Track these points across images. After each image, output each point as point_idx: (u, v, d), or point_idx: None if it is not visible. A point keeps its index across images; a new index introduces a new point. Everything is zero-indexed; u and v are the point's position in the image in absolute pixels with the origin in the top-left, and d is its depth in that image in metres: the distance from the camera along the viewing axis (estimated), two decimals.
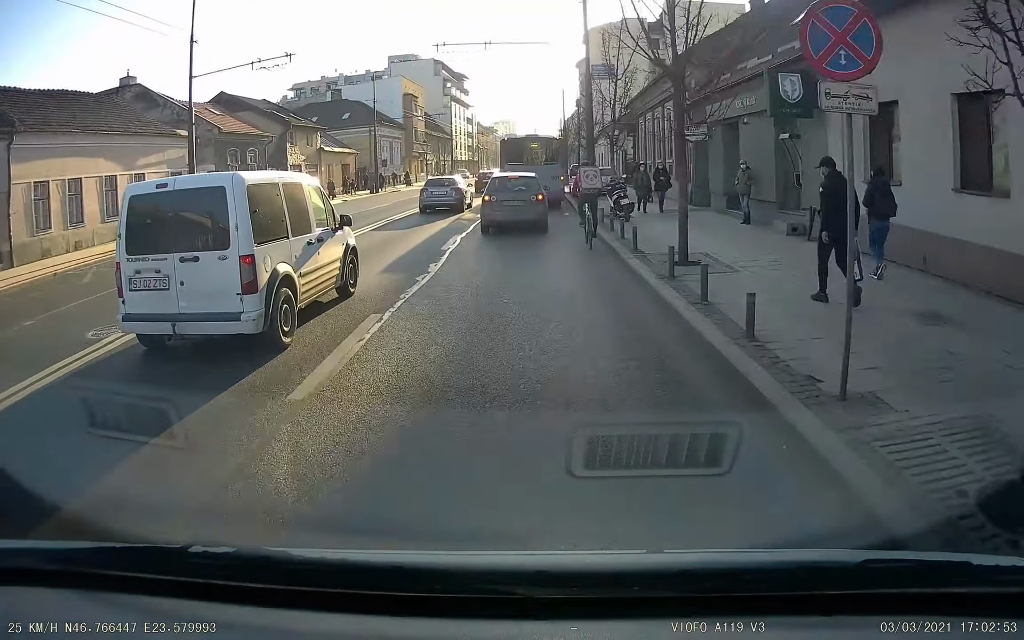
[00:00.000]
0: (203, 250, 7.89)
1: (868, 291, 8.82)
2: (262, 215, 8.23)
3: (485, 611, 1.52)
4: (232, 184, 7.98)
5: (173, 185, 8.48)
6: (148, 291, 7.93)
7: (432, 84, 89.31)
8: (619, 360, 7.08)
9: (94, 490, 4.56)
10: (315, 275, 9.60)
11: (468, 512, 3.99)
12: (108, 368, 8.09)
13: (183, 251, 7.86)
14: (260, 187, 8.58)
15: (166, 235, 7.99)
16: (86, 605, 1.61)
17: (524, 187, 20.09)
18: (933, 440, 4.53)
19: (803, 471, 4.41)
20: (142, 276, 7.95)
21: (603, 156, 38.07)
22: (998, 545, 3.16)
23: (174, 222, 8.07)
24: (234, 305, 7.74)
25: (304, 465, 4.94)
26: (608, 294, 11.16)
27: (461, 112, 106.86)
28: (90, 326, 9.72)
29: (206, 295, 7.79)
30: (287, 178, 10.02)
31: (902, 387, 5.55)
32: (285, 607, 1.56)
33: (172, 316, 7.86)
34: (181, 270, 7.81)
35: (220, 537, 3.60)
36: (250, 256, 7.81)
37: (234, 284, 7.72)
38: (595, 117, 38.02)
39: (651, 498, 4.07)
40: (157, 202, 8.25)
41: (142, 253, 8.00)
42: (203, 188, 8.49)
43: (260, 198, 8.35)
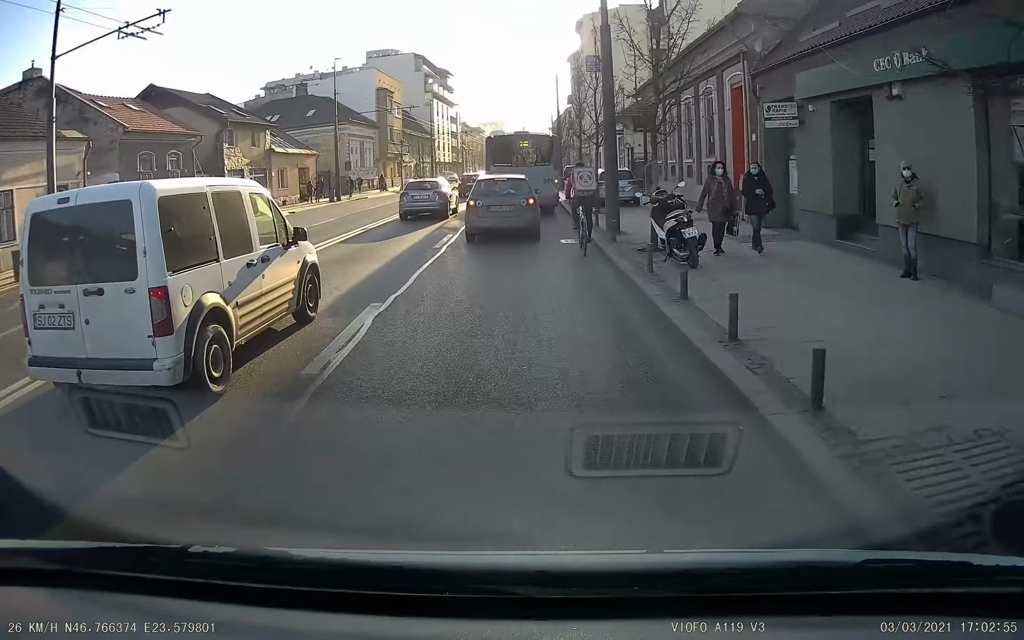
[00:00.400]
0: (108, 280, 6.34)
1: None
2: (181, 234, 6.68)
3: (485, 611, 1.52)
4: (140, 197, 6.36)
5: (75, 199, 6.78)
6: (54, 330, 6.51)
7: (412, 80, 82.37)
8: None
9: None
10: (260, 303, 7.97)
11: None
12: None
13: (87, 281, 6.37)
14: (179, 199, 6.94)
15: (70, 261, 6.57)
16: (86, 605, 1.61)
17: (512, 190, 18.05)
18: None
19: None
20: (46, 312, 6.52)
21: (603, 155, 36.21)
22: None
23: (78, 245, 6.60)
24: (145, 350, 6.22)
25: None
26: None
27: (444, 111, 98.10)
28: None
29: (114, 337, 6.31)
30: (219, 186, 8.04)
31: None
32: (285, 607, 1.56)
33: (78, 362, 6.35)
34: (85, 305, 6.35)
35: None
36: (162, 288, 6.25)
37: (144, 323, 6.20)
38: (590, 112, 36.12)
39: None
40: (59, 220, 6.71)
41: (46, 284, 6.57)
42: (106, 203, 6.74)
43: (178, 213, 6.76)
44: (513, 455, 4.97)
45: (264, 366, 7.61)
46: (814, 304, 8.83)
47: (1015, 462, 4.21)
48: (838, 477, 4.20)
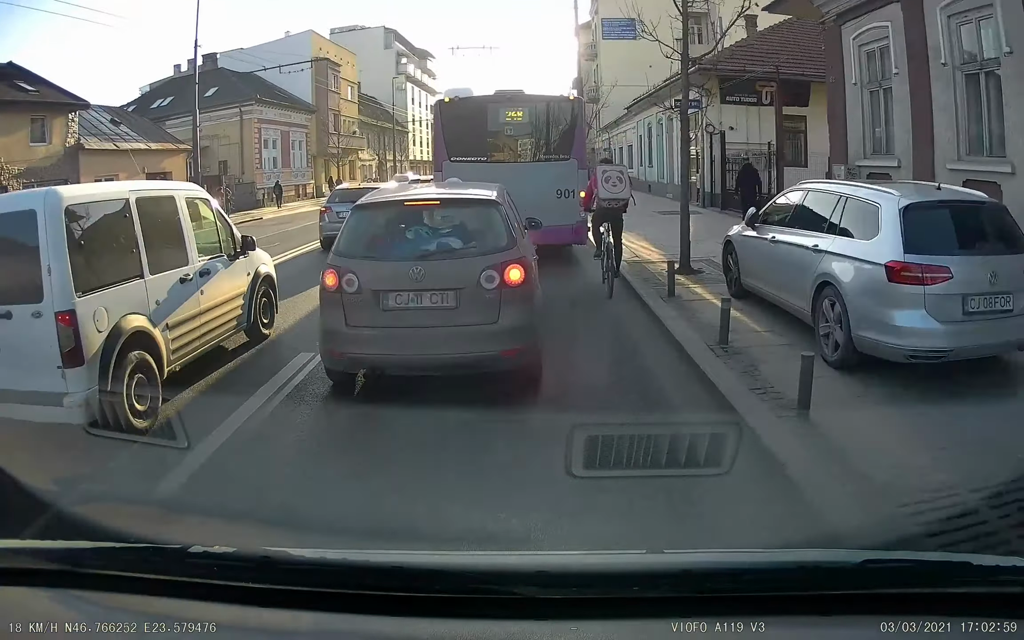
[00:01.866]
0: (14, 303, 5.40)
1: None
2: (96, 248, 5.86)
3: (485, 611, 1.52)
4: (45, 206, 5.42)
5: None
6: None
7: (382, 60, 66.78)
8: None
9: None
10: (198, 323, 7.00)
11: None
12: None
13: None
14: (91, 206, 6.00)
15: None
16: (86, 605, 1.61)
17: (457, 239, 6.48)
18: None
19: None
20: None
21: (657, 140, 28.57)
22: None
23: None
24: (54, 382, 5.30)
25: None
26: None
27: (423, 98, 75.72)
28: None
29: (20, 367, 5.36)
30: (145, 191, 6.88)
31: None
32: (285, 607, 1.56)
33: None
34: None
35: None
36: (68, 312, 5.33)
37: (52, 353, 5.29)
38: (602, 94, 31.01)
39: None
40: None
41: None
42: (8, 213, 5.72)
43: (91, 223, 5.88)
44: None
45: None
46: None
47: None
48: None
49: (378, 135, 62.49)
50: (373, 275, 5.99)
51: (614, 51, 37.97)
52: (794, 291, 7.57)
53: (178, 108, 37.03)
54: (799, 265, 7.42)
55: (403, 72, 72.97)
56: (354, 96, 56.66)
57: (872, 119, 13.71)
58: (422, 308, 5.90)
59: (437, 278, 5.91)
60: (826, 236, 7.11)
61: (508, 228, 6.29)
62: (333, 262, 6.13)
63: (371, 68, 62.61)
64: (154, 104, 41.59)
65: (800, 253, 7.47)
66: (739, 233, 9.56)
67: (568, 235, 13.58)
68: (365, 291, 5.92)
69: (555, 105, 14.51)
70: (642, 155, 36.61)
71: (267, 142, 42.77)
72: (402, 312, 5.91)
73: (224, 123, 39.20)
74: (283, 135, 44.49)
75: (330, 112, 49.90)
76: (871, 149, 13.76)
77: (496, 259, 5.95)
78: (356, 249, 6.25)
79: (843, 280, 6.55)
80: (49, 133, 25.37)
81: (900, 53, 12.23)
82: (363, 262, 6.07)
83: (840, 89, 14.31)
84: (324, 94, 49.11)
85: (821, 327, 6.84)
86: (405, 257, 6.14)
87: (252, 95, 40.87)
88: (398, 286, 5.91)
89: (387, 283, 5.95)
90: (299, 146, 46.82)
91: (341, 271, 5.99)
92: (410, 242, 6.40)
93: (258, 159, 41.09)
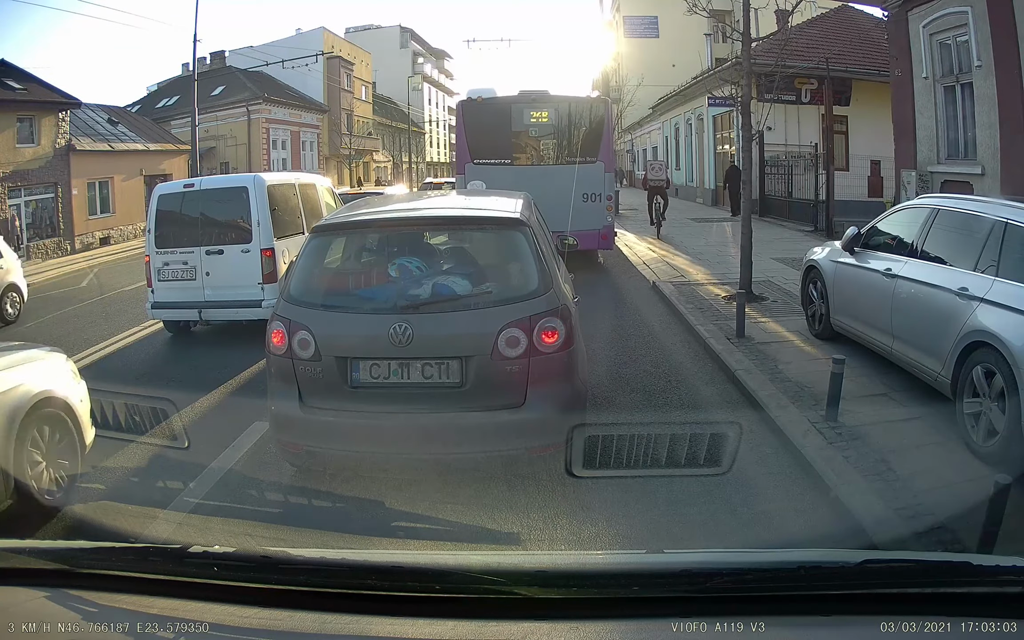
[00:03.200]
0: (228, 244, 8.93)
1: None
2: (281, 212, 9.26)
3: (485, 611, 1.52)
4: (254, 184, 9.05)
5: (200, 184, 9.60)
6: (176, 281, 9.00)
7: (397, 59, 65.38)
8: None
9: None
10: None
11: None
12: None
13: (210, 245, 8.92)
14: (278, 187, 9.60)
15: (195, 229, 9.00)
16: (86, 605, 1.61)
17: (463, 279, 4.36)
18: None
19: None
20: (170, 268, 9.03)
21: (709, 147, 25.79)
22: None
23: (202, 218, 9.08)
24: (256, 293, 8.78)
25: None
26: None
27: (441, 99, 77.41)
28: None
29: (231, 284, 8.85)
30: (303, 179, 10.90)
31: None
32: (285, 607, 1.56)
33: (199, 304, 8.95)
34: (208, 262, 8.91)
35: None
36: (270, 249, 8.85)
37: (256, 274, 8.78)
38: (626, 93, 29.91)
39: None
40: (185, 199, 9.25)
41: (171, 247, 9.06)
42: (228, 187, 9.57)
43: (278, 197, 9.34)
44: None
45: None
46: None
47: None
48: None
49: (394, 136, 59.97)
50: (337, 334, 4.12)
51: (635, 51, 36.43)
52: (922, 346, 5.61)
53: (184, 107, 34.05)
54: (933, 313, 5.48)
55: (419, 72, 70.80)
56: (368, 96, 54.76)
57: (947, 119, 11.92)
58: (410, 385, 4.04)
59: (433, 341, 4.02)
60: (979, 276, 5.08)
61: (539, 262, 4.27)
62: (281, 312, 4.26)
63: (387, 68, 61.16)
64: (159, 103, 40.53)
65: (935, 297, 5.47)
66: (828, 258, 7.45)
67: (595, 241, 13.02)
68: (325, 358, 4.07)
69: (581, 106, 13.91)
70: (668, 157, 34.28)
71: (276, 142, 40.73)
72: (380, 392, 4.05)
73: (231, 123, 37.67)
74: (293, 135, 42.15)
75: (343, 112, 47.98)
76: (946, 153, 12.03)
77: (522, 311, 4.04)
78: (313, 295, 4.35)
79: (1013, 343, 4.51)
80: (38, 134, 23.65)
81: (983, 43, 10.46)
82: (322, 314, 4.19)
83: (907, 85, 12.60)
84: (336, 93, 47.34)
85: (967, 404, 4.92)
86: (384, 307, 4.21)
87: (260, 94, 38.99)
88: (373, 352, 4.03)
89: (357, 347, 4.08)
90: (310, 147, 44.64)
91: (292, 327, 4.13)
92: (393, 284, 4.41)
93: (266, 160, 38.80)
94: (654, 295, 11.12)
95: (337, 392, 4.07)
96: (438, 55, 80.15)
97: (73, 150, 25.01)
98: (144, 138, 29.86)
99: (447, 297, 4.25)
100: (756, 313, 8.93)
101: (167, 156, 30.38)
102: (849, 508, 4.10)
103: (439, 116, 75.71)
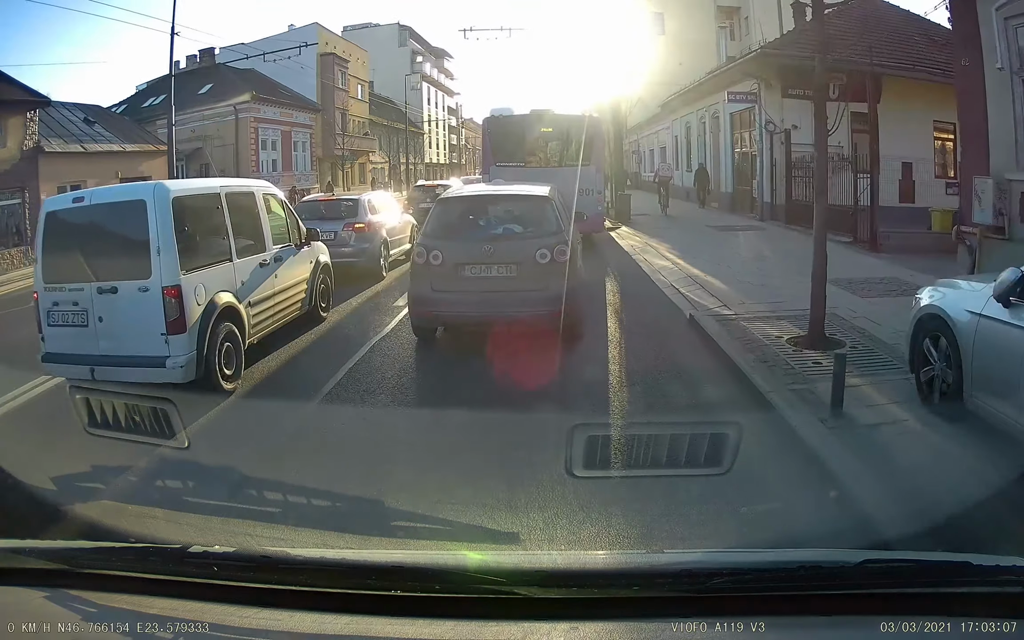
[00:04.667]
0: (122, 279, 6.46)
1: None
2: (195, 234, 6.85)
3: (485, 611, 1.52)
4: (154, 197, 6.50)
5: (90, 198, 6.92)
6: (66, 327, 6.62)
7: (395, 58, 63.01)
8: None
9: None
10: (272, 302, 8.05)
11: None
12: None
13: (101, 280, 6.48)
14: (192, 198, 7.06)
15: (84, 260, 6.63)
16: (85, 605, 1.61)
17: (517, 225, 8.20)
18: None
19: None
20: (60, 310, 6.65)
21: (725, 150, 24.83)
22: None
23: (92, 244, 6.72)
24: (158, 347, 6.34)
25: None
26: None
27: (441, 99, 77.08)
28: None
29: (127, 334, 6.45)
30: (233, 187, 8.19)
31: None
32: (285, 607, 1.56)
33: (91, 359, 6.46)
34: (99, 303, 6.47)
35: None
36: (175, 287, 6.37)
37: (158, 322, 6.33)
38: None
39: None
40: (74, 219, 6.83)
41: (60, 281, 6.66)
42: (121, 202, 6.86)
43: (191, 214, 6.85)
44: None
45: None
46: None
47: None
48: None
49: (392, 137, 57.56)
50: (454, 252, 7.67)
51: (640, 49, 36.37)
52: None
53: (165, 106, 32.61)
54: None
55: (419, 71, 69.36)
56: (365, 95, 52.78)
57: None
58: (491, 277, 7.55)
59: (502, 254, 7.59)
60: None
61: (557, 218, 7.98)
62: (423, 242, 7.89)
63: (385, 67, 58.89)
64: (146, 102, 37.82)
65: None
66: (963, 308, 5.13)
67: (589, 225, 16.35)
68: (448, 264, 7.61)
69: (579, 122, 17.61)
70: (679, 158, 32.70)
71: (266, 143, 38.91)
72: (475, 280, 7.55)
73: (218, 122, 35.34)
74: (284, 136, 40.72)
75: (337, 111, 46.34)
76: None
77: (547, 241, 7.58)
78: (440, 232, 7.94)
79: None
80: (3, 135, 21.95)
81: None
82: (446, 242, 7.76)
83: (976, 78, 10.58)
84: (331, 92, 45.76)
85: None
86: (478, 239, 7.84)
87: (249, 92, 36.66)
88: (473, 260, 7.60)
89: (464, 258, 7.63)
90: (302, 147, 43.04)
91: (429, 248, 7.72)
92: (482, 227, 8.19)
93: (255, 161, 36.88)
94: (694, 335, 8.44)
95: (453, 281, 7.54)
96: (437, 54, 78.48)
97: (42, 152, 23.15)
98: (122, 139, 28.05)
99: (510, 234, 7.90)
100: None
101: (146, 157, 28.10)
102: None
103: (439, 116, 74.96)
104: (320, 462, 5.07)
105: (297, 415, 6.15)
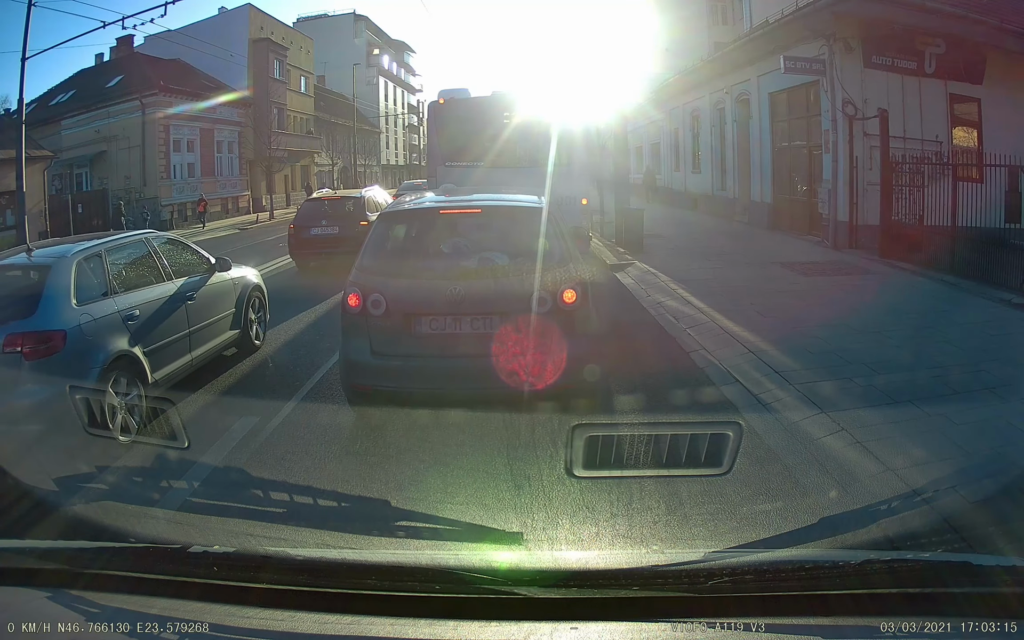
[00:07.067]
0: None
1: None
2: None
3: (485, 611, 1.52)
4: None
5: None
6: None
7: (350, 51, 56.17)
8: None
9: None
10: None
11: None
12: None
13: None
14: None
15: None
16: (85, 605, 1.61)
17: (502, 254, 5.46)
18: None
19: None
20: None
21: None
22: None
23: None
24: None
25: None
26: None
27: (401, 96, 69.51)
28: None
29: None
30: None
31: None
32: (285, 607, 1.56)
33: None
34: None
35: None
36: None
37: None
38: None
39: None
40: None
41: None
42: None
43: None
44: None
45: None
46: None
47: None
48: None
49: (345, 137, 50.33)
50: (404, 296, 5.19)
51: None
52: None
53: (77, 103, 30.01)
54: None
55: (375, 65, 61.82)
56: (309, 88, 46.29)
57: None
58: (460, 335, 5.07)
59: (479, 300, 5.07)
60: None
61: (560, 241, 5.43)
62: (356, 279, 5.29)
63: (338, 61, 52.58)
64: (54, 101, 32.96)
65: None
66: None
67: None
68: (395, 314, 5.12)
69: (558, 110, 13.27)
70: (678, 156, 26.58)
71: (179, 144, 32.73)
72: (437, 339, 5.09)
73: (124, 119, 29.96)
74: (204, 134, 34.13)
75: (273, 106, 39.27)
76: None
77: (549, 278, 5.07)
78: (384, 264, 5.50)
79: None
80: None
81: None
82: (392, 280, 5.28)
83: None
84: (264, 83, 38.65)
85: None
86: (442, 275, 5.32)
87: (156, 84, 30.72)
88: (433, 309, 5.11)
89: (420, 305, 5.15)
90: (228, 148, 36.66)
91: (366, 290, 5.17)
92: (447, 257, 5.60)
93: (165, 165, 31.14)
94: None
95: (403, 341, 5.17)
96: (397, 47, 70.94)
97: None
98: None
99: (490, 267, 5.37)
100: None
101: (14, 167, 20.71)
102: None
103: (398, 115, 67.86)
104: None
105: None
